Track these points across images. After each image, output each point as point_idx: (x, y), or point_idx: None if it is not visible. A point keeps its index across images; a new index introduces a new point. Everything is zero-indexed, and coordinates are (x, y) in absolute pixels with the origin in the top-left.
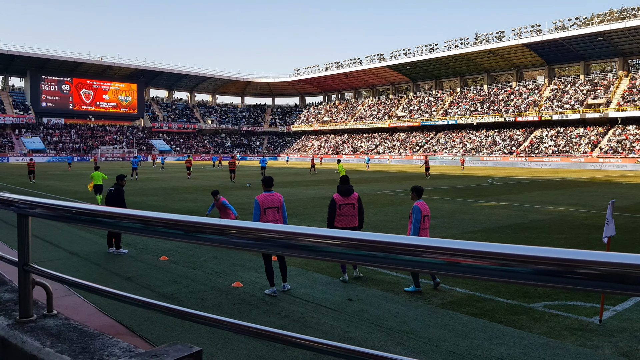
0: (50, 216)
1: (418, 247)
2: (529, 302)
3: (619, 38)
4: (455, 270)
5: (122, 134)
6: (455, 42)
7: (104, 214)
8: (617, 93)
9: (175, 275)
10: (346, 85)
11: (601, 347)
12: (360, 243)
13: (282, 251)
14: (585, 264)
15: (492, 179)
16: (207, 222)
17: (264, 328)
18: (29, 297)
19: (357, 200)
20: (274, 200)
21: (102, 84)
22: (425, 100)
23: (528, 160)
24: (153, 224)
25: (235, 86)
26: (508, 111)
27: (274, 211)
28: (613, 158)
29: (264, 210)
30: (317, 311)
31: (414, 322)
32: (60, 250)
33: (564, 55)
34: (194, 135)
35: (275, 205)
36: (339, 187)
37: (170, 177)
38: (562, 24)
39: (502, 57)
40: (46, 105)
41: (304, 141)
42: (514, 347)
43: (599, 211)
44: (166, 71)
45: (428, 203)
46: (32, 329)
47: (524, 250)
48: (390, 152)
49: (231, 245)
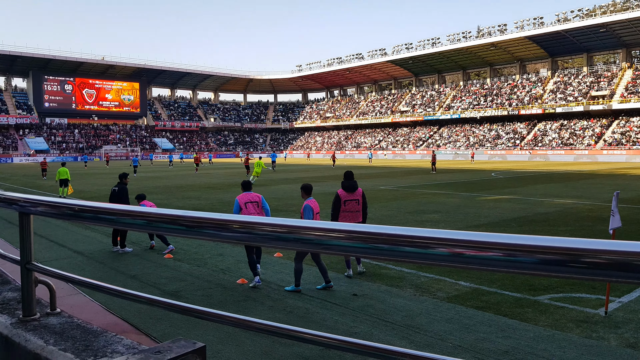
0: (53, 214)
1: (423, 238)
2: (534, 294)
3: (622, 29)
4: (460, 262)
5: (125, 132)
6: (458, 36)
7: (107, 211)
8: (621, 84)
9: (180, 273)
10: (348, 80)
11: (607, 339)
12: (365, 236)
13: (286, 245)
14: (591, 253)
15: (496, 173)
16: (208, 217)
17: (268, 323)
18: (32, 296)
19: (361, 196)
20: (252, 196)
21: (104, 83)
22: (428, 95)
23: (532, 153)
24: (155, 220)
25: (238, 83)
26: (511, 104)
27: (254, 205)
28: (617, 150)
29: (245, 204)
30: (322, 306)
31: (419, 316)
32: (65, 249)
33: (566, 47)
34: (197, 133)
35: (254, 200)
36: (344, 182)
37: (174, 175)
38: (565, 16)
39: (505, 50)
40: (49, 105)
41: (307, 137)
42: (520, 340)
43: (603, 203)
44: (168, 69)
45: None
46: (35, 327)
47: (528, 240)
48: (393, 147)
49: (234, 240)
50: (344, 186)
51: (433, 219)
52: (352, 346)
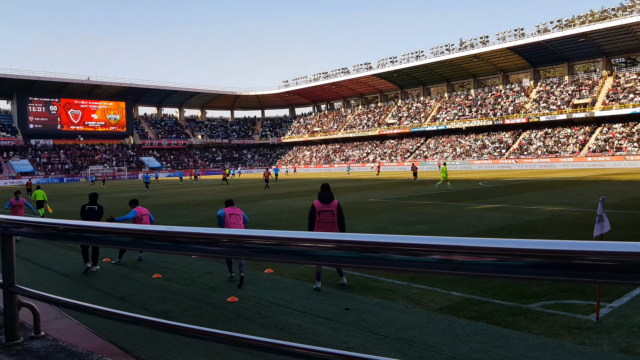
0: (37, 234)
1: (412, 245)
2: (525, 302)
3: (601, 38)
4: (449, 268)
5: (111, 152)
6: (441, 49)
7: (92, 229)
8: (602, 92)
9: (169, 293)
10: (335, 95)
11: (600, 345)
12: (355, 245)
13: (276, 257)
14: (580, 255)
15: (484, 182)
16: (198, 232)
17: (261, 339)
18: (15, 319)
19: (336, 208)
20: (234, 210)
21: (90, 103)
22: (413, 107)
23: (518, 162)
24: (142, 236)
25: (225, 100)
26: (496, 114)
27: (236, 217)
28: (601, 156)
29: (229, 215)
30: (315, 322)
31: (412, 328)
32: (51, 272)
33: (548, 57)
34: (185, 151)
35: (236, 212)
36: (320, 194)
37: (161, 194)
38: (545, 27)
39: (488, 61)
40: (34, 126)
41: (295, 152)
42: (514, 349)
43: (590, 209)
44: (154, 88)
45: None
46: (18, 352)
47: (517, 243)
48: (382, 159)
49: (224, 255)
50: (320, 197)
51: (423, 229)
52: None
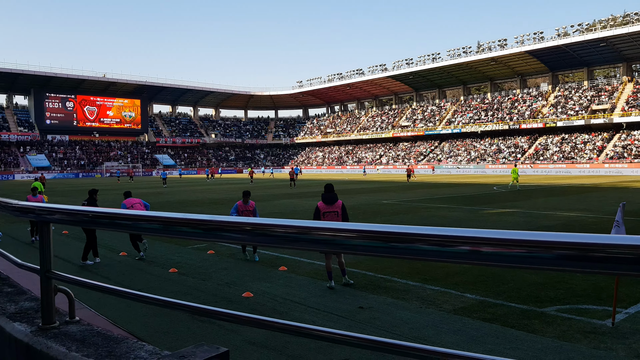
0: (70, 221)
1: (440, 237)
2: (540, 306)
3: (622, 43)
4: (478, 259)
5: (126, 149)
6: (458, 51)
7: (122, 217)
8: (622, 98)
9: (186, 287)
10: (349, 96)
11: (615, 350)
12: (377, 235)
13: (299, 245)
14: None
15: (498, 187)
16: (226, 220)
17: (285, 322)
18: (52, 304)
19: (340, 208)
20: (248, 205)
21: (105, 100)
22: (428, 110)
23: (533, 167)
24: (173, 223)
25: (239, 100)
26: (512, 119)
27: (247, 212)
28: (619, 163)
29: (241, 212)
30: (329, 319)
31: (426, 328)
32: (69, 264)
33: (567, 61)
34: (198, 149)
35: (249, 209)
36: (323, 195)
37: (175, 191)
38: (565, 31)
39: (505, 64)
40: (50, 122)
41: (308, 153)
42: (528, 351)
43: (607, 216)
44: (169, 86)
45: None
46: (56, 335)
47: (545, 236)
48: (394, 162)
49: (250, 241)
50: (324, 198)
51: None
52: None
